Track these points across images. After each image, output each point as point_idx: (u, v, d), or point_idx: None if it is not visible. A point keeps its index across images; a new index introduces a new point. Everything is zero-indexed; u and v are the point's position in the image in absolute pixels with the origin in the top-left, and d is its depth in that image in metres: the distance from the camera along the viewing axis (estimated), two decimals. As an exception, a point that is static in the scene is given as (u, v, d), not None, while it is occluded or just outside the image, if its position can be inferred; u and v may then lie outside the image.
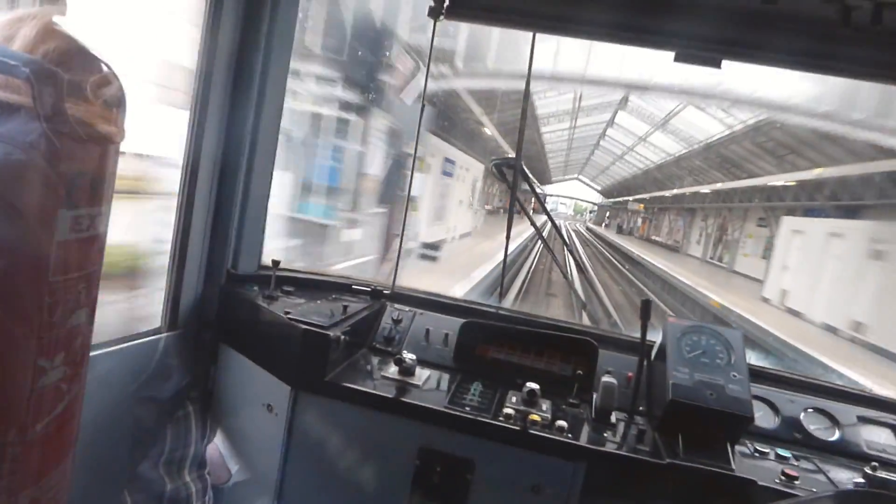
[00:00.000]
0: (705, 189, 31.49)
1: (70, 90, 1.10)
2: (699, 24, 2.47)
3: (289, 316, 2.49)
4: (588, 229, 38.86)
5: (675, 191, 35.25)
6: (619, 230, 38.63)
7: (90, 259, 1.18)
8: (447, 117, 19.99)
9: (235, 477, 2.69)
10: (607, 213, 41.49)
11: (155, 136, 2.59)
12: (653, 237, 36.20)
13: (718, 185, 30.07)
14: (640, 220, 38.42)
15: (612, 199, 39.32)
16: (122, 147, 1.26)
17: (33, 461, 1.15)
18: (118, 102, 1.19)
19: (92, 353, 1.46)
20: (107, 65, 1.18)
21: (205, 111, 2.54)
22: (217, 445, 2.76)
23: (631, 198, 37.56)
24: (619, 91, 25.14)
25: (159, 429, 2.57)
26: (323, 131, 10.88)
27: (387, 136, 12.33)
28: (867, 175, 18.45)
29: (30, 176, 1.03)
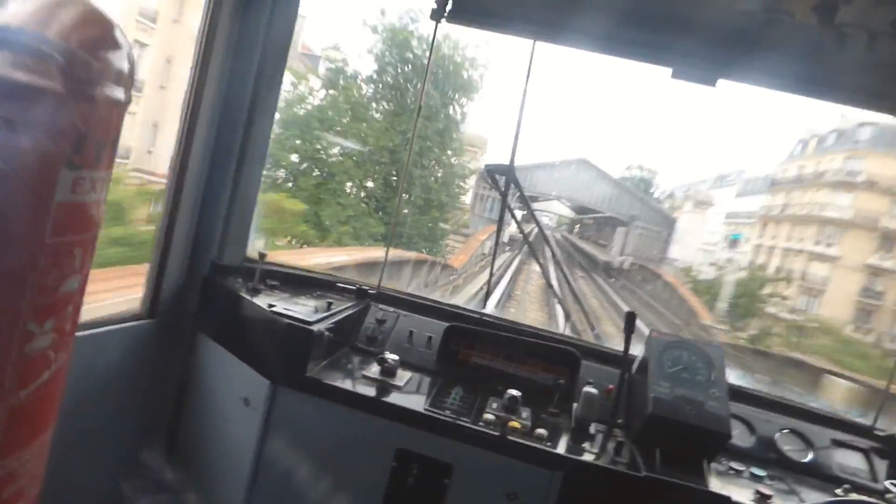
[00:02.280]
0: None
1: (81, 51, 1.08)
2: (697, 42, 2.52)
3: (272, 309, 2.46)
4: (563, 235, 49.42)
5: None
6: (581, 236, 50.74)
7: (88, 224, 1.15)
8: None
9: (207, 468, 2.63)
10: (577, 225, 53.06)
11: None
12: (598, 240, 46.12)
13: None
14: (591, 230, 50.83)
15: (579, 216, 49.77)
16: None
17: (14, 429, 1.11)
18: (127, 67, 1.17)
19: None
20: (120, 29, 1.16)
21: (199, 100, 2.52)
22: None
23: (586, 216, 47.29)
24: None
25: (130, 417, 2.51)
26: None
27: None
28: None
29: (33, 131, 1.00)
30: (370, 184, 21.90)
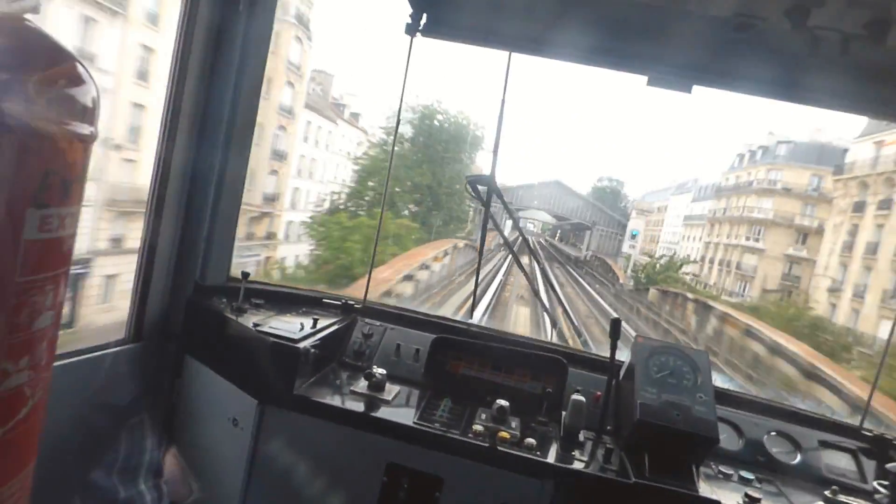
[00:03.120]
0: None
1: (42, 89, 1.08)
2: (672, 50, 2.54)
3: (257, 328, 2.46)
4: (546, 240, 58.19)
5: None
6: (560, 239, 60.02)
7: (58, 260, 1.15)
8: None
9: (198, 494, 2.61)
10: (558, 230, 60.93)
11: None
12: (574, 242, 58.92)
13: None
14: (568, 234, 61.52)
15: (559, 221, 57.84)
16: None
17: (-7, 467, 1.11)
18: (92, 102, 1.17)
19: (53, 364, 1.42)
20: (81, 64, 1.16)
21: (176, 118, 2.51)
22: (178, 461, 2.68)
23: (564, 222, 58.53)
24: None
25: (119, 442, 2.50)
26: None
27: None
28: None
29: (-1, 170, 1.00)
30: (414, 207, 35.34)
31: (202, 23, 2.50)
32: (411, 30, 2.70)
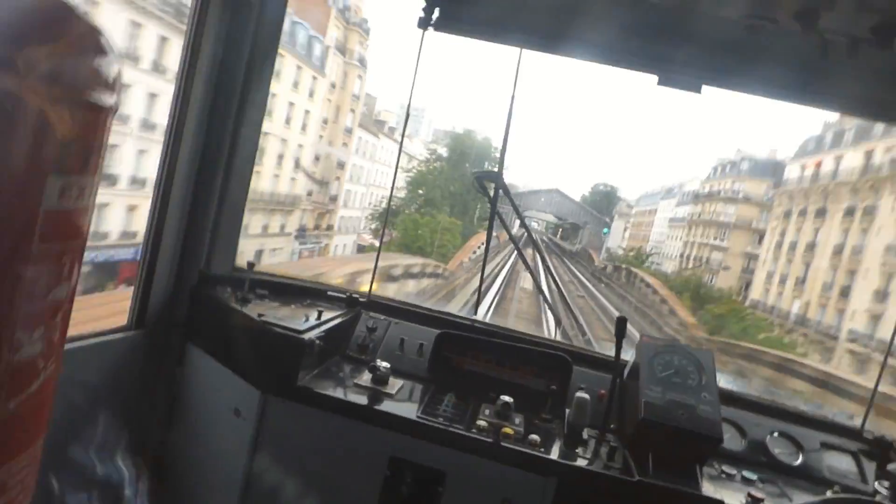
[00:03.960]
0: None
1: (63, 58, 1.07)
2: (683, 50, 2.55)
3: (262, 318, 2.45)
4: (548, 238, 65.58)
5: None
6: (560, 237, 68.93)
7: (76, 231, 1.14)
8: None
9: (198, 481, 2.59)
10: (560, 229, 68.92)
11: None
12: (571, 239, 68.30)
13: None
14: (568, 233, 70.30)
15: (560, 221, 67.57)
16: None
17: (4, 440, 1.09)
18: (114, 73, 1.16)
19: None
20: (105, 36, 1.15)
21: (185, 108, 2.51)
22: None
23: (563, 222, 69.52)
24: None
25: (119, 430, 2.47)
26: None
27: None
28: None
29: (20, 136, 0.99)
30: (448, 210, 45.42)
31: (212, 20, 2.51)
32: (423, 24, 2.70)
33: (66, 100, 1.07)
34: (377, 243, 36.43)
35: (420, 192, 46.53)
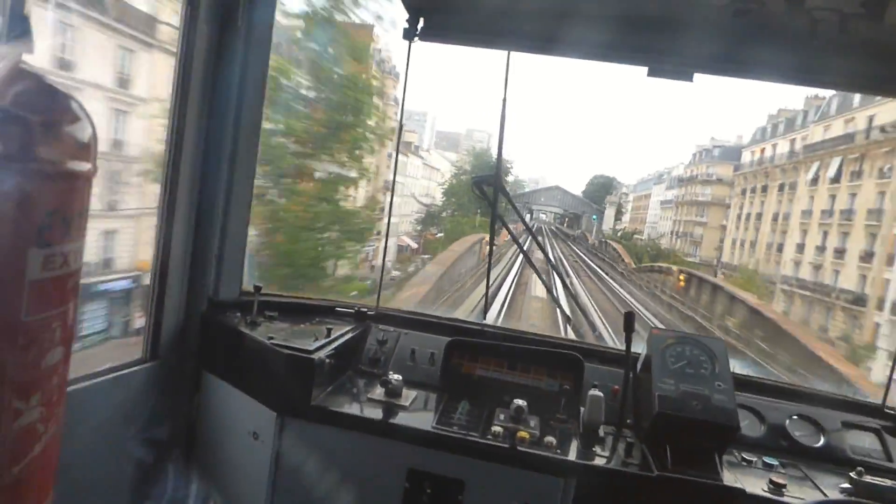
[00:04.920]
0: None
1: (40, 132, 1.09)
2: (672, 39, 2.52)
3: (272, 341, 2.47)
4: (556, 227, 74.47)
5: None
6: (566, 225, 77.20)
7: (64, 296, 1.16)
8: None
9: None
10: (566, 219, 77.38)
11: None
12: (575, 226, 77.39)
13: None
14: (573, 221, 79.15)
15: (565, 212, 78.24)
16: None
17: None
18: (89, 139, 1.18)
19: (70, 388, 1.43)
20: (76, 101, 1.17)
21: (181, 135, 2.52)
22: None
23: (567, 212, 79.10)
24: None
25: (141, 463, 2.53)
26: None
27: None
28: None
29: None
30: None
31: (202, 40, 2.52)
32: (409, 35, 2.70)
33: (44, 172, 1.09)
34: (414, 245, 46.88)
35: (453, 199, 52.58)
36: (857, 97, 34.09)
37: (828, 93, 38.41)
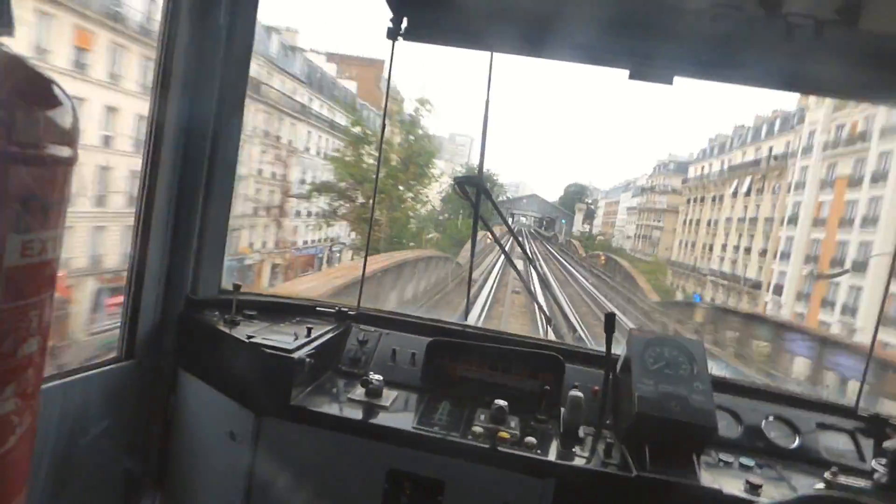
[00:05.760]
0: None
1: (19, 114, 1.07)
2: (652, 43, 2.55)
3: (251, 340, 2.44)
4: (534, 229, 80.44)
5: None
6: (543, 228, 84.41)
7: (42, 285, 1.14)
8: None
9: None
10: (544, 221, 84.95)
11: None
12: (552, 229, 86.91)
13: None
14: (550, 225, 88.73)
15: (542, 215, 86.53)
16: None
17: (-16, 498, 1.09)
18: (70, 124, 1.16)
19: (44, 386, 1.40)
20: (59, 86, 1.15)
21: (161, 129, 2.49)
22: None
23: (545, 216, 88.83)
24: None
25: (116, 462, 2.48)
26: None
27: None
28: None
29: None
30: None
31: (182, 36, 2.49)
32: (392, 35, 2.69)
33: (25, 156, 1.06)
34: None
35: (450, 205, 55.12)
36: (764, 128, 48.62)
37: (749, 121, 53.13)
